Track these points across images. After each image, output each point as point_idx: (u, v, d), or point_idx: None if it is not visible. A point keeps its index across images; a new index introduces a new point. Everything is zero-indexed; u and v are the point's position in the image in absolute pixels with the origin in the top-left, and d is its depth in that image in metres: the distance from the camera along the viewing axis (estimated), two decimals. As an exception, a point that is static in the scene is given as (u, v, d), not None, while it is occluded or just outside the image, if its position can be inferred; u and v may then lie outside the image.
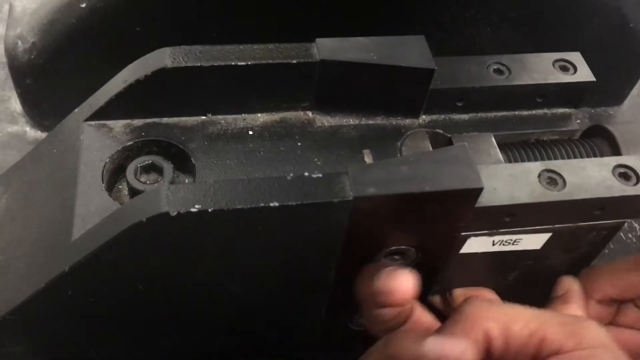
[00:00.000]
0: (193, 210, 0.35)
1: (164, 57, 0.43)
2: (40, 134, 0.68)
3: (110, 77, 0.62)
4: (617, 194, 0.42)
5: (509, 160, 0.47)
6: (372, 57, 0.45)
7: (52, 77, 0.62)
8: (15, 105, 0.69)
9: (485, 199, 0.40)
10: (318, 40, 0.45)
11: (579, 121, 0.55)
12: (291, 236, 0.39)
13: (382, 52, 0.45)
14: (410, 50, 0.45)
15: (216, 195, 0.36)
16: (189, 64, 0.43)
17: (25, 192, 0.46)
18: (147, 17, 0.57)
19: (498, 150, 0.47)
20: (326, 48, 0.44)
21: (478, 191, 0.39)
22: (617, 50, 0.72)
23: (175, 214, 0.35)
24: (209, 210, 0.36)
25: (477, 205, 0.40)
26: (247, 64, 0.43)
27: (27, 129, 0.69)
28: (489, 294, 0.49)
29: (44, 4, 0.60)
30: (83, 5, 0.57)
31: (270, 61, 0.43)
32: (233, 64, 0.43)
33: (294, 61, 0.44)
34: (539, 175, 0.42)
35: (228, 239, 0.38)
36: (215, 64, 0.43)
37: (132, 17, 0.57)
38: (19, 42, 0.61)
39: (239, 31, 0.60)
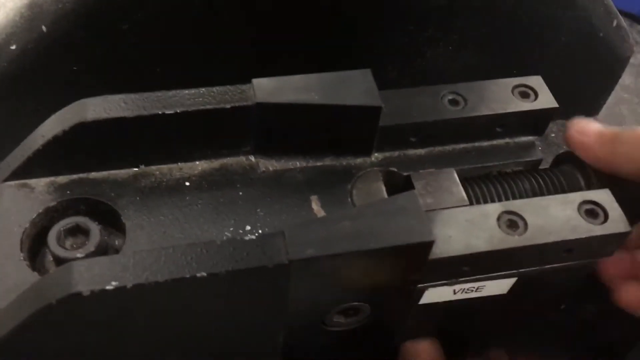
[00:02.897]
0: (109, 287, 0.32)
1: (83, 110, 0.39)
2: (-17, 181, 0.64)
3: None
4: (583, 235, 0.38)
5: (471, 197, 0.43)
6: (313, 97, 0.41)
7: (-10, 122, 0.58)
8: (-43, 151, 0.66)
9: (440, 250, 0.37)
10: (254, 80, 0.41)
11: (553, 134, 0.51)
12: (227, 304, 0.35)
13: (323, 90, 0.41)
14: (354, 87, 0.42)
15: (136, 269, 0.32)
16: (112, 116, 0.39)
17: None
18: (83, 56, 0.54)
19: (461, 187, 0.43)
20: (262, 89, 0.41)
21: (429, 244, 0.35)
22: (588, 61, 0.69)
23: (88, 293, 0.31)
24: (128, 286, 0.32)
25: (430, 257, 0.37)
26: (176, 112, 0.40)
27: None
28: None
29: (-25, 46, 0.56)
30: (13, 47, 0.53)
31: (201, 107, 0.40)
32: (160, 112, 0.40)
33: (228, 106, 0.40)
34: (498, 219, 0.39)
35: (155, 314, 0.34)
36: (141, 114, 0.39)
37: (66, 56, 0.54)
38: (-50, 88, 0.57)
39: (182, 63, 0.56)
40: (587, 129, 0.45)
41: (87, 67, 0.55)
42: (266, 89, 0.41)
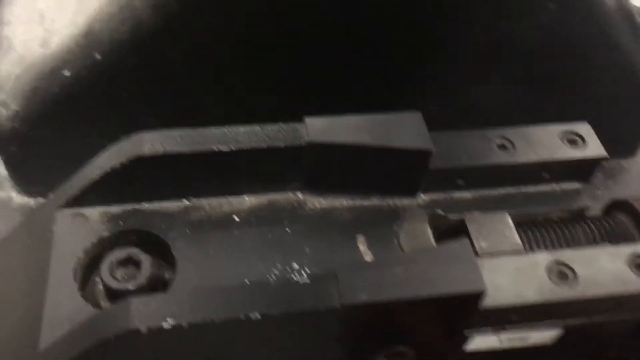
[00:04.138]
0: (165, 326, 0.32)
1: (141, 144, 0.40)
2: (27, 200, 0.65)
3: (98, 143, 0.60)
4: (633, 290, 0.38)
5: (523, 242, 0.43)
6: (365, 138, 0.42)
7: (37, 144, 0.59)
8: (2, 169, 0.67)
9: (490, 299, 0.37)
10: (307, 119, 0.42)
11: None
12: (276, 343, 0.36)
13: (375, 132, 0.42)
14: (405, 129, 0.42)
15: (192, 307, 0.33)
16: (168, 151, 0.40)
17: (-4, 285, 0.43)
18: (134, 84, 0.55)
19: (514, 231, 0.43)
20: (315, 129, 0.42)
21: (480, 294, 0.35)
22: (629, 104, 0.69)
23: (145, 330, 0.32)
24: (183, 324, 0.32)
25: (480, 306, 0.37)
26: (231, 149, 0.40)
27: (14, 194, 0.66)
28: None
29: (28, 69, 0.58)
30: (67, 74, 0.55)
31: (255, 145, 0.41)
32: (215, 149, 0.40)
33: (281, 145, 0.41)
34: (548, 269, 0.39)
35: (206, 350, 0.35)
36: (196, 150, 0.40)
37: (117, 84, 0.55)
38: (2, 110, 0.58)
39: (230, 92, 0.57)
40: None
41: (137, 94, 0.56)
42: (318, 128, 0.42)
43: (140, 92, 0.56)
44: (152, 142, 0.40)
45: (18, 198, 0.66)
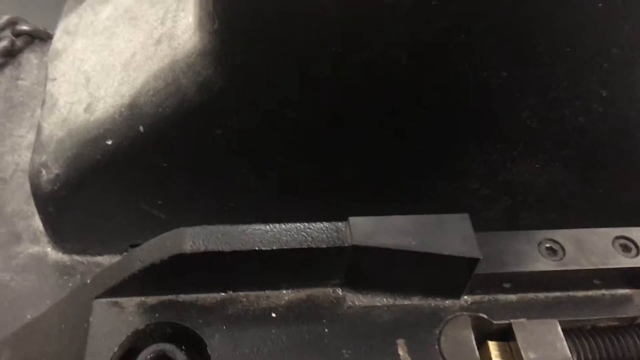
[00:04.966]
0: None
1: (182, 240, 0.39)
2: (62, 257, 0.66)
3: (136, 208, 0.60)
4: None
5: (572, 354, 0.41)
6: (410, 242, 0.40)
7: (75, 207, 0.60)
8: (39, 223, 0.67)
9: None
10: (351, 220, 0.41)
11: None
12: None
13: (420, 235, 0.41)
14: (452, 234, 0.41)
15: None
16: (209, 249, 0.39)
17: (30, 368, 0.43)
18: (175, 156, 0.55)
19: (565, 343, 0.41)
20: (359, 231, 0.40)
21: None
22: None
23: None
24: None
25: None
26: (272, 249, 0.40)
27: (49, 249, 0.66)
28: None
29: (71, 134, 0.58)
30: (109, 143, 0.55)
31: (297, 246, 0.40)
32: (257, 248, 0.40)
33: (324, 246, 0.40)
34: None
35: None
36: (238, 249, 0.39)
37: (159, 156, 0.55)
38: (43, 171, 0.59)
39: (270, 170, 0.57)
40: None
41: (177, 166, 0.56)
42: (363, 230, 0.41)
43: (181, 163, 0.56)
44: (193, 239, 0.39)
45: (53, 254, 0.66)
